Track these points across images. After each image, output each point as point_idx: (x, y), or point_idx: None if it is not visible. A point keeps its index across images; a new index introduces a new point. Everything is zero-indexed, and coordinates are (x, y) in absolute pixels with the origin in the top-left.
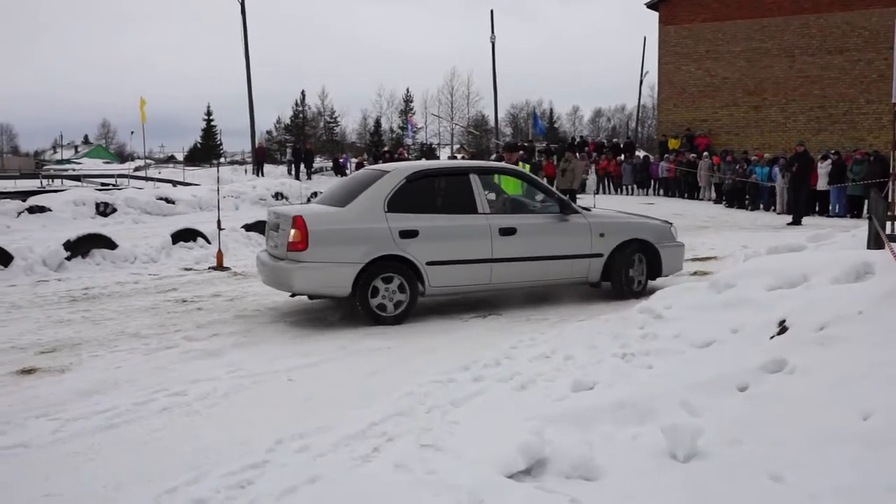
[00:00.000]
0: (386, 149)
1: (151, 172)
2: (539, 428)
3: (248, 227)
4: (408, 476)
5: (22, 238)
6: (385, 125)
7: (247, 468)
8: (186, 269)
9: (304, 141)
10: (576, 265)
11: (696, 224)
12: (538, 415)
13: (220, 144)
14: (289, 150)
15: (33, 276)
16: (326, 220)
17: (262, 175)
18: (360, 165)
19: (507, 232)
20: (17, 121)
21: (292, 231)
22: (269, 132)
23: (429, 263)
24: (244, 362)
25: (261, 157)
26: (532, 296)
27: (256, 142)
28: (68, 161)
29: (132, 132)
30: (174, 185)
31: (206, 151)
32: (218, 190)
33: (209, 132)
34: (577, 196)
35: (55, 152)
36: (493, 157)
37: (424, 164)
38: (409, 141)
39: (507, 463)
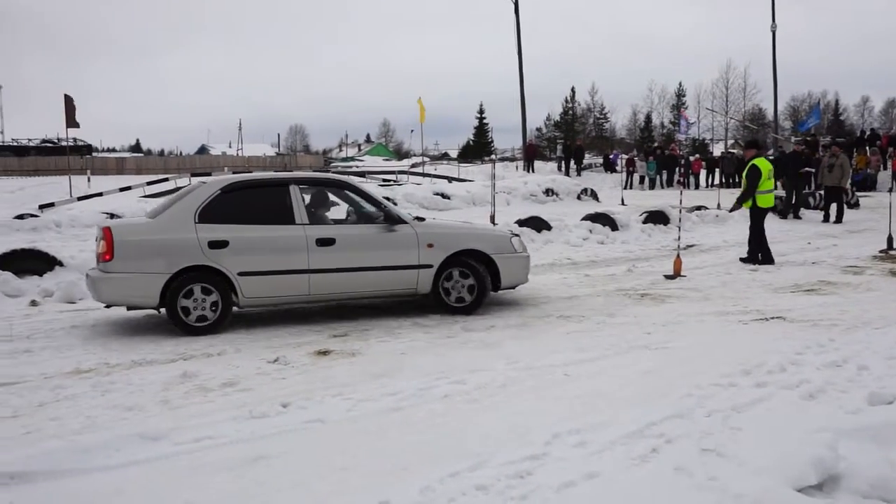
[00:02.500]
0: (656, 144)
1: (427, 169)
2: (832, 441)
3: (520, 223)
4: (688, 480)
5: None
6: (656, 120)
7: (525, 459)
8: None
9: (573, 137)
10: (402, 276)
11: None
12: (830, 427)
13: (492, 142)
14: (559, 147)
15: None
16: (134, 231)
17: (533, 171)
18: (630, 162)
19: (325, 243)
20: (309, 122)
21: (101, 242)
22: (538, 129)
23: (241, 274)
24: (520, 355)
25: (531, 154)
26: (814, 301)
27: (527, 139)
28: (352, 158)
29: (412, 130)
30: (450, 181)
31: (478, 148)
32: (493, 186)
33: (481, 129)
34: (859, 194)
35: (340, 150)
36: (772, 152)
37: (242, 176)
38: (681, 136)
39: (797, 475)
